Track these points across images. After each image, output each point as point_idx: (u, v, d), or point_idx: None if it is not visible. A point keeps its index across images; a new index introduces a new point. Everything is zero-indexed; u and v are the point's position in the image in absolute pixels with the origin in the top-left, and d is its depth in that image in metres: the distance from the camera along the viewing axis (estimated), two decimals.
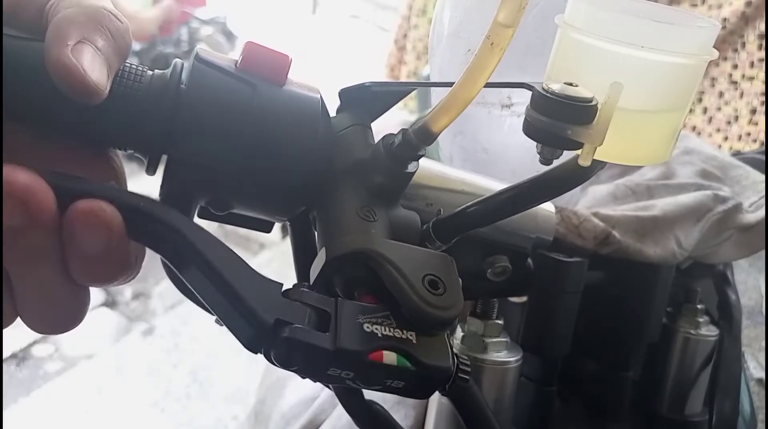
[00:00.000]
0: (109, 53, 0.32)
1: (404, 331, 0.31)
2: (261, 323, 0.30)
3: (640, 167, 0.63)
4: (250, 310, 0.30)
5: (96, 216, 0.29)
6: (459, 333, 0.49)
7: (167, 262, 0.32)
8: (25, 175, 0.28)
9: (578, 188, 0.58)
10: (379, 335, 0.31)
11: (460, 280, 0.34)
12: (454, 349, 0.33)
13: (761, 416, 0.69)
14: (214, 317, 0.37)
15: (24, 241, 0.29)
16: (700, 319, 0.59)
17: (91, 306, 0.34)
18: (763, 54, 1.23)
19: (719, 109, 1.26)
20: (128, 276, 0.32)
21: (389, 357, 0.30)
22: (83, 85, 0.30)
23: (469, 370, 0.33)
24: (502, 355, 0.48)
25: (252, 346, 0.30)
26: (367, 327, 0.31)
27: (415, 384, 0.31)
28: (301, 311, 0.31)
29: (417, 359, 0.31)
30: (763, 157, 0.72)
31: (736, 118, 1.25)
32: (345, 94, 0.40)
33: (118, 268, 0.31)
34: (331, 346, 0.30)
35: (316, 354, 0.30)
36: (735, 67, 1.25)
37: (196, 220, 0.38)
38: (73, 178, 0.30)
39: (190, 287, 0.32)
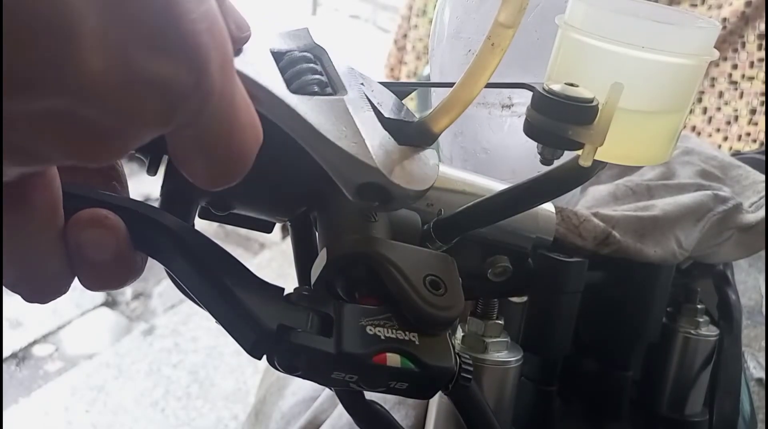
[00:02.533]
0: None
1: (407, 333, 0.31)
2: (263, 329, 0.29)
3: (640, 167, 0.63)
4: (252, 317, 0.29)
5: (100, 224, 0.28)
6: (459, 333, 0.49)
7: (167, 268, 0.32)
8: None
9: (578, 188, 0.58)
10: (382, 337, 0.30)
11: (460, 280, 0.34)
12: (456, 349, 0.33)
13: (761, 416, 0.69)
14: None
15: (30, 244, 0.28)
16: (700, 319, 0.59)
17: (91, 306, 0.34)
18: (762, 54, 1.23)
19: (719, 109, 1.26)
20: (136, 278, 0.31)
21: (393, 359, 0.30)
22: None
23: (471, 369, 0.33)
24: (503, 355, 0.48)
25: (255, 352, 0.30)
26: (370, 329, 0.30)
27: (418, 385, 0.31)
28: (303, 315, 0.30)
29: (420, 361, 0.31)
30: (763, 157, 0.72)
31: (736, 118, 1.25)
32: None
33: (127, 273, 0.30)
34: (334, 351, 0.29)
35: (319, 359, 0.29)
36: (735, 67, 1.25)
37: (197, 220, 0.38)
38: (74, 187, 0.29)
39: (190, 293, 0.32)
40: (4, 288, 0.30)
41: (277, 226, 0.43)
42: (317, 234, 0.39)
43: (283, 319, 0.30)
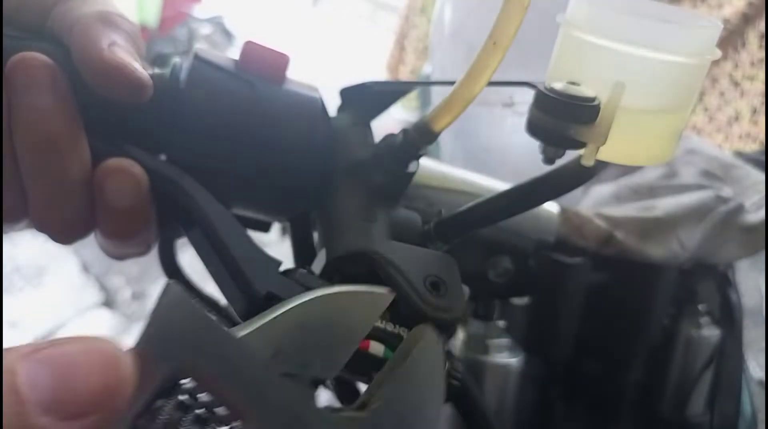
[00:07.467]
0: (132, 53, 0.32)
1: (396, 326, 0.31)
2: (253, 293, 0.30)
3: (642, 167, 0.63)
4: (245, 279, 0.30)
5: (125, 172, 0.31)
6: (460, 334, 0.49)
7: (180, 225, 0.34)
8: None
9: (580, 188, 0.58)
10: None
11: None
12: (455, 351, 0.33)
13: (762, 417, 0.69)
14: None
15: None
16: (702, 320, 0.59)
17: (89, 306, 0.35)
18: (763, 54, 1.22)
19: (720, 108, 1.26)
20: (147, 237, 0.34)
21: (376, 348, 0.30)
22: (137, 81, 0.31)
23: (459, 377, 0.33)
24: (504, 356, 0.47)
25: (242, 315, 0.31)
26: None
27: None
28: (295, 290, 0.30)
29: None
30: (764, 158, 0.72)
31: (737, 118, 1.25)
32: (346, 94, 0.39)
33: (142, 226, 0.33)
34: None
35: None
36: (736, 66, 1.25)
37: None
38: (109, 139, 0.32)
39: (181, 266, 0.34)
40: (2, 286, 0.31)
41: (276, 226, 0.43)
42: (316, 234, 0.38)
43: (274, 288, 0.30)
